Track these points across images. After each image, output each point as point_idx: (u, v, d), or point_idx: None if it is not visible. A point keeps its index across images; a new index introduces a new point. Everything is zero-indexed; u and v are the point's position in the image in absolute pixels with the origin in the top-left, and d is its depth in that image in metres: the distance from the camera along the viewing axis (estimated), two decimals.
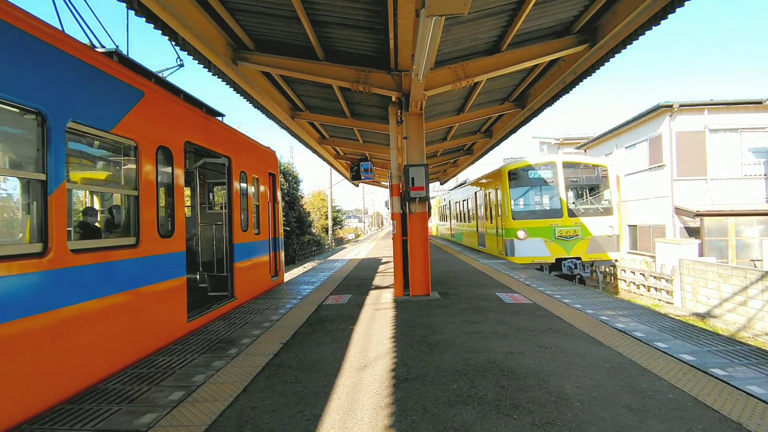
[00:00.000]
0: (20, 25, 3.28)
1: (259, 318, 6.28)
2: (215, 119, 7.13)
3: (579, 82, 8.69)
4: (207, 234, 8.03)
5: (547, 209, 13.10)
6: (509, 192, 13.12)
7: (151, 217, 4.79)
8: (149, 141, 4.82)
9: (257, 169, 8.57)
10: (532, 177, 13.21)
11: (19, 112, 3.46)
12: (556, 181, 13.06)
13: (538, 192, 13.38)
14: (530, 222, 12.78)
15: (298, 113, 11.21)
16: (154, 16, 5.53)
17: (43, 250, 3.37)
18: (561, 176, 13.02)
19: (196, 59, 6.88)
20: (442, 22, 4.33)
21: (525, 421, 2.95)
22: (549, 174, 13.15)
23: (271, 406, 3.31)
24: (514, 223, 12.87)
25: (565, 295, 7.18)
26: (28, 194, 3.47)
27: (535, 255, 12.59)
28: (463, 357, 4.30)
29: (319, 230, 43.21)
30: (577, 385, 3.52)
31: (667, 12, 5.87)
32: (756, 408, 3.02)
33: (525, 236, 12.62)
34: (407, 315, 6.25)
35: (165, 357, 4.54)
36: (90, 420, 3.13)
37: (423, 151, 7.86)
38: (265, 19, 6.58)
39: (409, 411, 3.17)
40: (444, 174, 25.53)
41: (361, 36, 6.91)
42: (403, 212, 7.87)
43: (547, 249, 12.62)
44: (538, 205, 13.34)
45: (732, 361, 3.95)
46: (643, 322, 5.35)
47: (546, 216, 12.85)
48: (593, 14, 6.82)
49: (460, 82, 7.64)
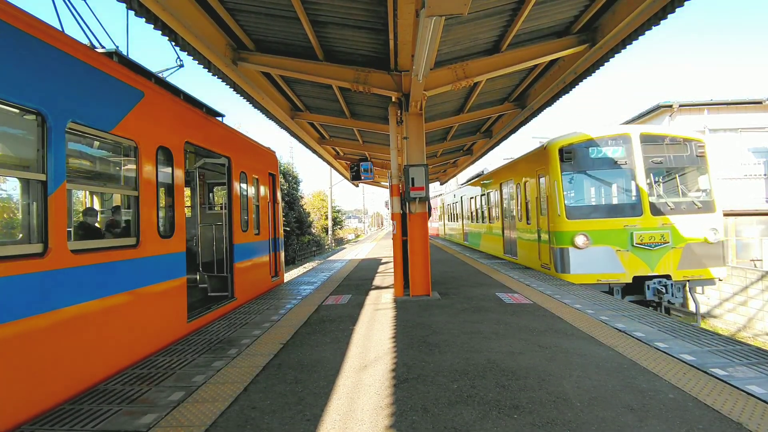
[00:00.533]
0: (20, 25, 3.28)
1: (259, 318, 6.28)
2: (215, 119, 7.13)
3: (579, 82, 8.71)
4: (207, 234, 8.03)
5: (619, 204, 9.26)
6: (561, 178, 9.03)
7: (151, 218, 4.79)
8: (149, 141, 4.82)
9: (257, 169, 8.57)
10: (596, 156, 9.10)
11: (19, 112, 3.46)
12: (631, 162, 8.95)
13: (605, 178, 9.44)
14: (593, 223, 8.79)
15: (298, 113, 11.21)
16: (154, 16, 5.54)
17: (43, 251, 3.37)
18: (639, 155, 8.93)
19: (196, 59, 6.88)
20: (442, 22, 4.34)
21: (525, 421, 2.95)
22: (620, 151, 9.04)
23: (271, 407, 3.31)
24: (569, 224, 8.83)
25: (565, 295, 7.18)
26: (28, 195, 3.47)
27: (601, 271, 8.65)
28: (464, 357, 4.30)
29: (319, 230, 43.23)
30: (578, 385, 3.51)
31: (666, 12, 5.88)
32: (756, 408, 3.02)
33: (587, 243, 8.69)
34: (407, 315, 6.25)
35: (165, 357, 4.54)
36: (90, 420, 3.12)
37: (423, 152, 7.86)
38: (264, 20, 6.58)
39: (410, 411, 3.17)
40: (444, 174, 25.55)
41: (360, 36, 6.91)
42: (403, 212, 7.88)
43: (619, 262, 8.61)
44: (605, 198, 9.56)
45: (732, 361, 3.95)
46: (643, 323, 5.35)
47: (617, 213, 8.92)
48: (593, 14, 6.83)
49: (460, 83, 7.65)
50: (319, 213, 46.38)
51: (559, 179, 9.05)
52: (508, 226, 13.11)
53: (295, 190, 33.17)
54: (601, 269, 8.67)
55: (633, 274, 8.58)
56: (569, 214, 8.94)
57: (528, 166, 10.92)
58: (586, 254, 8.72)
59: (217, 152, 6.89)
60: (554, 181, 9.13)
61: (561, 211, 8.94)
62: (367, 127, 11.77)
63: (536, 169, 10.12)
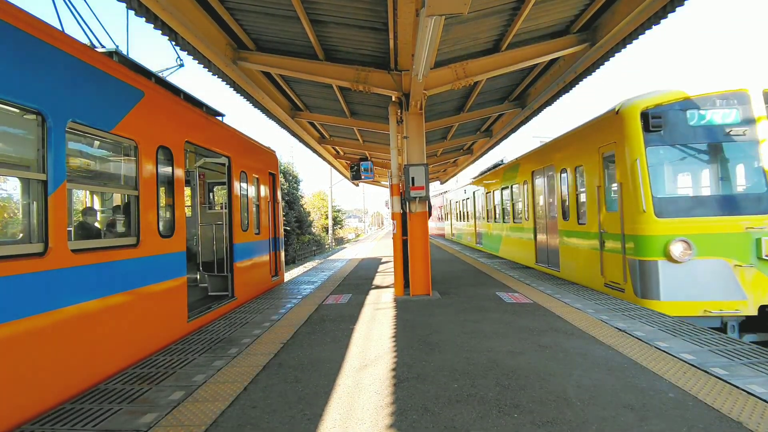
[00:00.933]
0: (20, 25, 3.27)
1: (259, 318, 6.28)
2: (215, 119, 7.13)
3: (579, 81, 8.70)
4: (207, 234, 8.04)
5: (737, 194, 6.36)
6: (645, 156, 6.27)
7: (152, 217, 4.79)
8: (149, 141, 4.82)
9: (257, 168, 8.57)
10: (698, 123, 6.25)
11: (19, 112, 3.46)
12: (752, 132, 6.12)
13: (712, 156, 6.54)
14: (697, 223, 6.06)
15: (298, 113, 11.22)
16: (153, 15, 5.54)
17: (44, 250, 3.37)
18: (765, 120, 6.10)
19: (196, 59, 6.88)
20: (442, 22, 4.34)
21: (525, 420, 2.95)
22: (735, 115, 6.19)
23: (271, 406, 3.31)
24: (658, 225, 6.13)
25: (565, 295, 7.17)
26: (28, 194, 3.47)
27: (710, 297, 5.94)
28: (464, 356, 4.30)
29: (320, 230, 43.25)
30: (578, 384, 3.52)
31: (667, 11, 5.88)
32: (756, 407, 3.02)
33: (687, 254, 5.98)
34: (408, 315, 6.25)
35: (165, 357, 4.54)
36: (91, 420, 3.13)
37: (423, 151, 7.86)
38: (264, 19, 6.58)
39: (410, 410, 3.17)
40: (444, 173, 25.55)
41: (361, 35, 6.91)
42: (403, 212, 7.88)
43: (738, 284, 5.89)
44: (713, 186, 6.62)
45: (733, 360, 3.95)
46: (644, 322, 5.34)
47: (733, 209, 6.12)
48: (593, 14, 6.82)
49: (460, 82, 7.65)
50: (319, 212, 46.41)
51: (642, 156, 6.22)
52: (543, 226, 10.19)
53: (295, 190, 33.18)
54: (710, 294, 5.90)
55: (761, 302, 5.83)
56: (660, 210, 6.12)
57: (582, 144, 8.02)
58: (686, 270, 5.96)
59: (217, 152, 6.89)
60: (634, 160, 6.27)
61: (646, 204, 6.11)
62: (368, 126, 11.77)
63: (598, 146, 7.31)
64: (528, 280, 8.84)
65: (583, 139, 8.02)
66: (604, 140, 7.11)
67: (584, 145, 7.93)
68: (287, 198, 30.11)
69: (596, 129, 7.54)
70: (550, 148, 9.85)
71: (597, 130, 7.49)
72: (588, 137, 7.82)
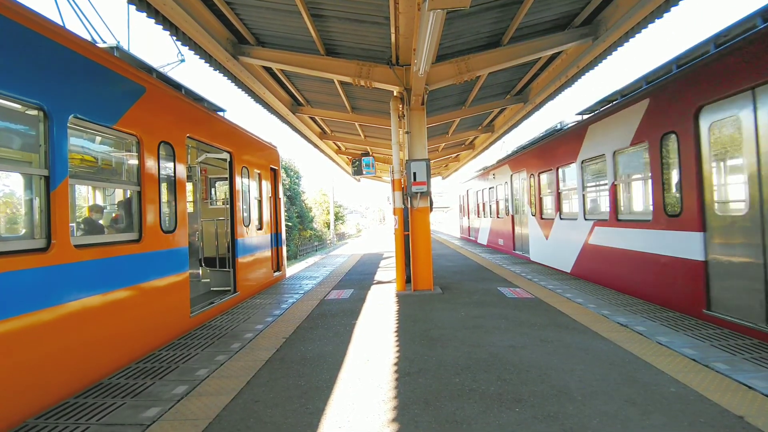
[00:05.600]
0: (22, 21, 3.27)
1: (261, 313, 6.30)
2: (216, 114, 7.12)
3: (581, 75, 8.64)
4: (209, 229, 8.06)
5: None
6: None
7: (154, 213, 4.80)
8: (151, 136, 4.83)
9: (259, 164, 8.57)
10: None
11: (22, 107, 3.46)
12: None
13: None
14: None
15: (300, 108, 11.18)
16: (154, 10, 5.52)
17: (47, 246, 3.38)
18: None
19: (197, 54, 6.86)
20: (444, 16, 4.31)
21: (527, 415, 2.96)
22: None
23: (274, 400, 3.33)
24: None
25: (567, 290, 7.18)
26: (31, 190, 3.48)
27: None
28: (465, 351, 4.31)
29: (321, 226, 43.29)
30: (579, 378, 3.52)
31: (670, 4, 5.82)
32: (756, 401, 3.03)
33: None
34: (409, 309, 6.26)
35: (169, 351, 4.57)
36: (95, 414, 3.15)
37: (425, 146, 7.84)
38: (265, 14, 6.55)
39: (412, 405, 3.18)
40: (446, 168, 25.50)
41: (362, 30, 6.87)
42: (405, 207, 7.88)
43: None
44: None
45: (734, 355, 3.95)
46: (645, 317, 5.34)
47: None
48: (596, 7, 6.77)
49: (462, 76, 7.61)
50: (321, 208, 46.43)
51: None
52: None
53: (297, 185, 33.20)
54: None
55: None
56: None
57: None
58: None
59: (219, 147, 6.88)
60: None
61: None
62: (369, 121, 11.72)
63: None
64: (530, 276, 8.84)
65: None
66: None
67: None
68: (288, 193, 30.14)
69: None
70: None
71: None
72: None
